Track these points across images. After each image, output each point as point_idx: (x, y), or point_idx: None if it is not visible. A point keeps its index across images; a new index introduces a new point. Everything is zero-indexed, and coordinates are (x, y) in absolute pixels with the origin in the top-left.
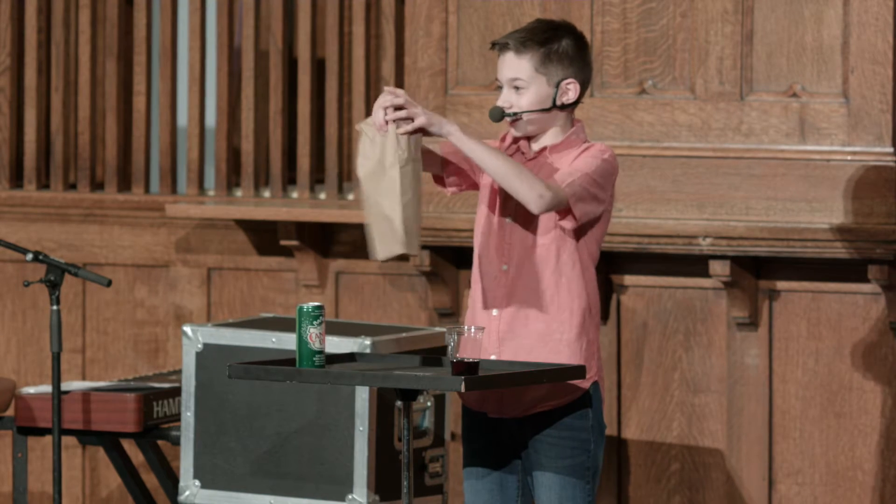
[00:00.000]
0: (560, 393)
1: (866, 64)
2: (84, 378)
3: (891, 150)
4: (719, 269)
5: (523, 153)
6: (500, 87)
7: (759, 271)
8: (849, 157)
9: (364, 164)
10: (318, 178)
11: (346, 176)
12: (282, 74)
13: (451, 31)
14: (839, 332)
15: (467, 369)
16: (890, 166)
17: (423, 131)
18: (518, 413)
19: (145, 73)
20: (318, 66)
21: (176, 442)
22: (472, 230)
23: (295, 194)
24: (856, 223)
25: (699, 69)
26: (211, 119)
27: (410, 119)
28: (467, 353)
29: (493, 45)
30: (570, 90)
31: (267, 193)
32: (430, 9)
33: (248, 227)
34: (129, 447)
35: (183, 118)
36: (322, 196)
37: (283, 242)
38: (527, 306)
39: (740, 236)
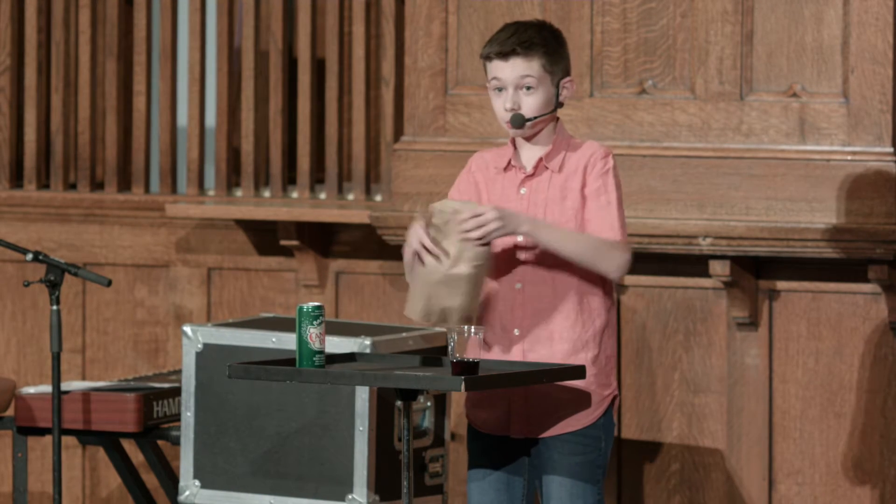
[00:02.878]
0: (582, 416)
1: (866, 64)
2: (84, 378)
3: (891, 150)
4: (719, 269)
5: (521, 168)
6: (498, 90)
7: (759, 271)
8: (849, 157)
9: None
10: (318, 178)
11: (346, 176)
12: (282, 74)
13: (451, 31)
14: (839, 332)
15: (467, 369)
16: (890, 166)
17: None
18: (535, 434)
19: (145, 73)
20: (318, 66)
21: (176, 442)
22: None
23: (295, 194)
24: (856, 223)
25: (699, 69)
26: (211, 119)
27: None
28: (468, 354)
29: (490, 54)
30: (569, 88)
31: (267, 193)
32: (430, 9)
33: (248, 227)
34: (129, 447)
35: (183, 118)
36: (322, 196)
37: (283, 242)
38: (550, 326)
39: (740, 236)
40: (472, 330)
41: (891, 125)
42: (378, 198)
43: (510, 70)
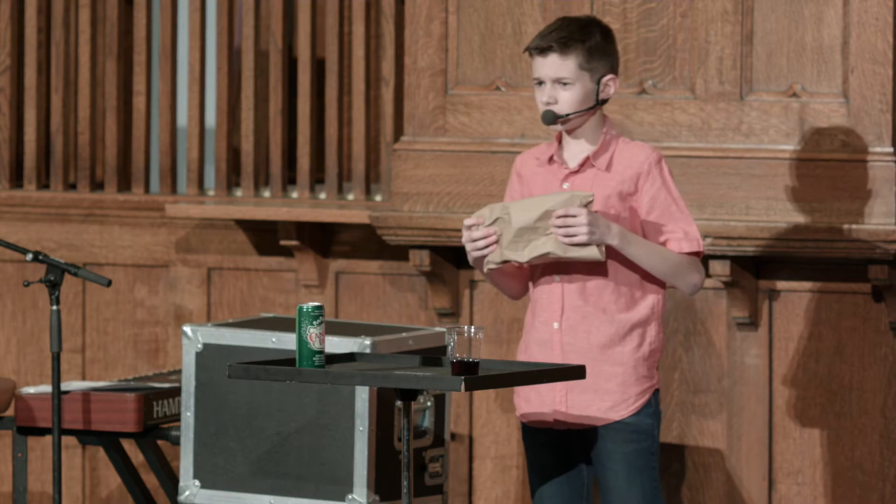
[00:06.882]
0: (621, 407)
1: (866, 64)
2: (84, 378)
3: (891, 150)
4: (719, 269)
5: (563, 164)
6: (539, 84)
7: (759, 271)
8: (849, 157)
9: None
10: (318, 178)
11: (346, 176)
12: (282, 74)
13: (451, 31)
14: (839, 332)
15: (467, 369)
16: (890, 166)
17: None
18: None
19: (145, 73)
20: (318, 66)
21: (176, 442)
22: None
23: (295, 194)
24: (856, 223)
25: (699, 69)
26: (211, 119)
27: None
28: (467, 354)
29: (531, 49)
30: (611, 85)
31: (267, 193)
32: (430, 9)
33: (248, 227)
34: (129, 447)
35: (183, 118)
36: (322, 196)
37: (283, 242)
38: (587, 321)
39: (740, 236)
40: (472, 330)
41: (891, 125)
42: (378, 198)
43: (547, 66)
